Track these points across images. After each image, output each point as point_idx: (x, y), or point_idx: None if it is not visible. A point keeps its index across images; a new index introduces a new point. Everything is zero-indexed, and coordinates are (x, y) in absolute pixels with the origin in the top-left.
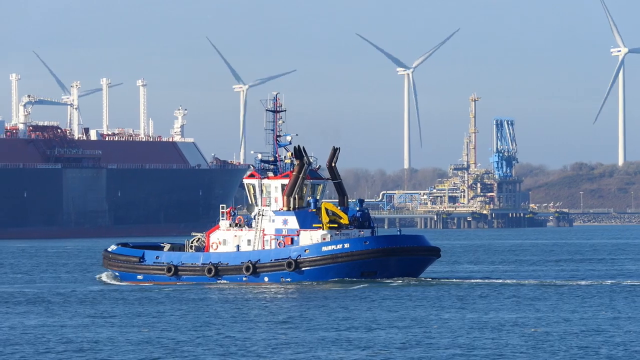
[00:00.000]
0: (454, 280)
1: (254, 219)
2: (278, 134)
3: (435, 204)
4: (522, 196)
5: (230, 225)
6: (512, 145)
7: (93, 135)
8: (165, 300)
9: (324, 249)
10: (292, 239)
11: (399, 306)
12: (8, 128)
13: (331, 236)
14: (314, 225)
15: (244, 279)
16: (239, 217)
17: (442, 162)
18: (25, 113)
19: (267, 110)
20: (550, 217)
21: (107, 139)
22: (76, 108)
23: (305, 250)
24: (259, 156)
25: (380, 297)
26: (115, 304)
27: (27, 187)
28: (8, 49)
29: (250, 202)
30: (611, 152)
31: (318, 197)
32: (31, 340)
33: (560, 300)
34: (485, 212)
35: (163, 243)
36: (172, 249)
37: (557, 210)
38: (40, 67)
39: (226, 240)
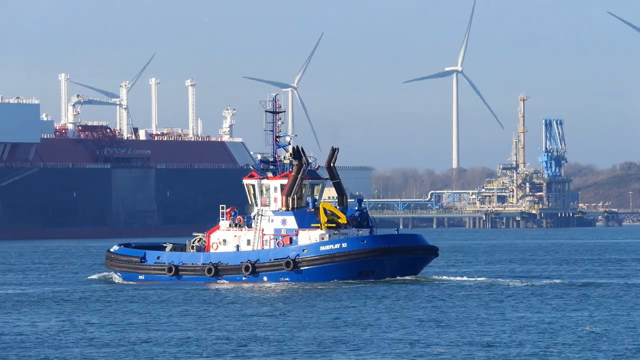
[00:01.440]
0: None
1: (254, 219)
2: (277, 135)
3: (483, 203)
4: (571, 196)
5: (230, 225)
6: (561, 144)
7: (142, 135)
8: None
9: (322, 248)
10: (291, 239)
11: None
12: (57, 128)
13: (329, 236)
14: (312, 225)
15: (244, 278)
16: (238, 217)
17: (490, 161)
18: (75, 113)
19: (266, 111)
20: (599, 217)
21: (156, 138)
22: (125, 108)
23: (303, 250)
24: (259, 156)
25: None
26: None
27: (76, 187)
28: (57, 48)
29: (250, 203)
30: None
31: (317, 197)
32: (93, 340)
33: (619, 299)
34: (534, 211)
35: (165, 243)
36: (174, 249)
37: (606, 209)
38: (90, 67)
39: (226, 240)
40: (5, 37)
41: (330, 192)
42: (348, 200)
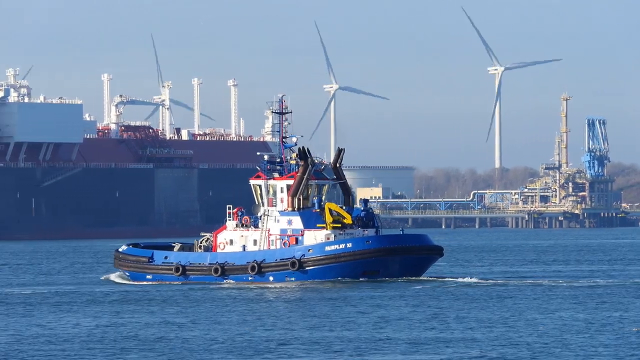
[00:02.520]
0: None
1: (260, 219)
2: (284, 135)
3: (526, 203)
4: (614, 196)
5: (237, 225)
6: (603, 144)
7: (184, 135)
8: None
9: (327, 248)
10: (296, 239)
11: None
12: (100, 128)
13: (335, 236)
14: (318, 225)
15: (250, 278)
16: (245, 217)
17: (533, 161)
18: (117, 113)
19: (273, 112)
20: None
21: (198, 138)
22: (168, 108)
23: (308, 250)
24: (265, 157)
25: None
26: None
27: (119, 187)
28: (100, 48)
29: (256, 203)
30: None
31: (323, 198)
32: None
33: None
34: (577, 211)
35: (174, 243)
36: (182, 249)
37: None
38: (132, 67)
39: (233, 240)
40: (48, 38)
41: (373, 192)
42: (392, 198)
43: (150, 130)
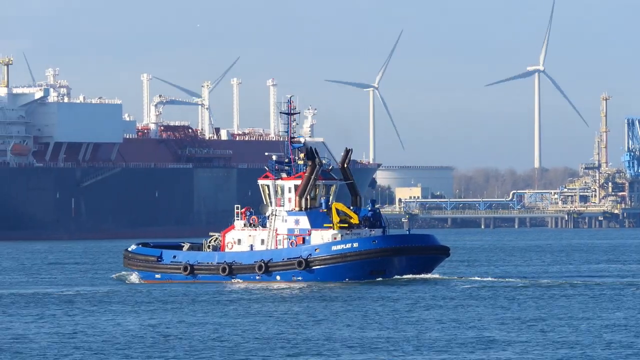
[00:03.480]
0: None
1: (268, 219)
2: (292, 136)
3: (565, 203)
4: None
5: (245, 225)
6: None
7: (224, 135)
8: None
9: (334, 248)
10: (303, 239)
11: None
12: (139, 128)
13: (342, 236)
14: (324, 225)
15: (257, 277)
16: (253, 217)
17: (572, 161)
18: (157, 113)
19: (281, 112)
20: None
21: (237, 138)
22: (207, 108)
23: (315, 250)
24: (274, 157)
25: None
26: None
27: (158, 187)
28: (139, 49)
29: (265, 203)
30: None
31: (331, 198)
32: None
33: None
34: (616, 211)
35: (184, 242)
36: (191, 248)
37: None
38: (172, 67)
39: (241, 240)
40: (88, 38)
41: (412, 192)
42: (431, 198)
43: (190, 130)
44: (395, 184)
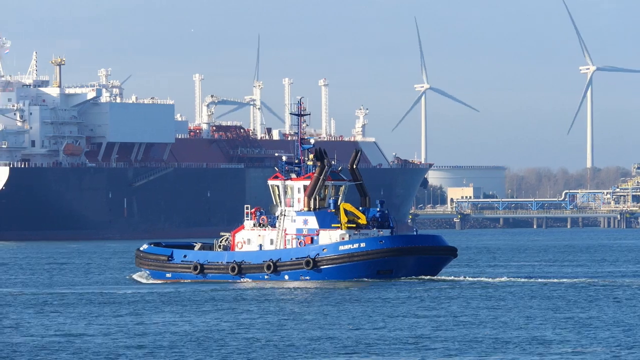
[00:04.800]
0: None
1: (277, 219)
2: (302, 137)
3: (618, 203)
4: None
5: (254, 225)
6: None
7: (275, 135)
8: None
9: (341, 248)
10: (312, 239)
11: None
12: (192, 128)
13: (350, 236)
14: (333, 225)
15: (266, 277)
16: (262, 217)
17: (625, 160)
18: (209, 113)
19: (291, 113)
20: None
21: (289, 138)
22: (259, 108)
23: (323, 250)
24: (284, 158)
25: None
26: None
27: (210, 187)
28: (191, 49)
29: (274, 203)
30: None
31: (340, 198)
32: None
33: None
34: None
35: (195, 242)
36: (202, 248)
37: None
38: (223, 67)
39: (250, 239)
40: (140, 39)
41: (464, 192)
42: (483, 198)
43: (242, 130)
44: (447, 184)
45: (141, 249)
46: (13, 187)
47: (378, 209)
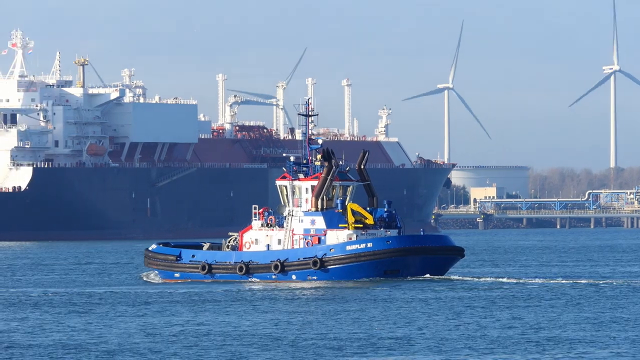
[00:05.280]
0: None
1: (285, 219)
2: (310, 137)
3: None
4: None
5: (262, 225)
6: None
7: (298, 135)
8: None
9: (348, 248)
10: (319, 239)
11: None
12: (215, 128)
13: (357, 236)
14: (340, 225)
15: (273, 276)
16: (270, 217)
17: None
18: (232, 113)
19: (299, 114)
20: None
21: (312, 137)
22: (282, 108)
23: (330, 250)
24: (292, 158)
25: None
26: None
27: (233, 187)
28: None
29: (282, 203)
30: None
31: (348, 199)
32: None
33: None
34: None
35: (204, 242)
36: (210, 248)
37: None
38: (246, 68)
39: (258, 239)
40: (164, 40)
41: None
42: (506, 198)
43: (265, 130)
44: (470, 184)
45: (150, 249)
46: (36, 187)
47: (385, 209)
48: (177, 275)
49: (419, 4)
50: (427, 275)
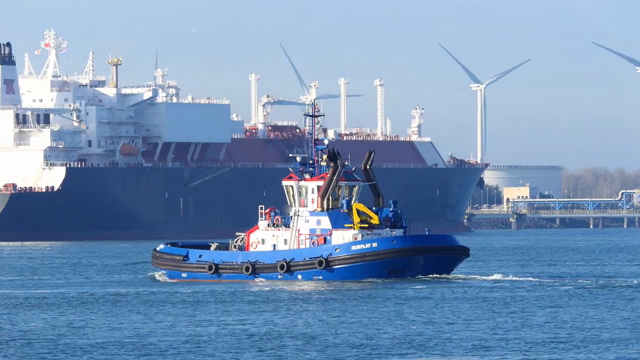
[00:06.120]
0: None
1: (291, 219)
2: (316, 138)
3: None
4: None
5: (268, 225)
6: None
7: (331, 135)
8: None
9: (353, 248)
10: (325, 239)
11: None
12: (247, 128)
13: (362, 236)
14: (345, 225)
15: (279, 277)
16: (277, 217)
17: None
18: (265, 113)
19: (305, 114)
20: None
21: (344, 138)
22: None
23: (335, 250)
24: (298, 159)
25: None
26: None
27: (266, 187)
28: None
29: (288, 203)
30: None
31: (353, 199)
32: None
33: None
34: None
35: (212, 242)
36: (218, 248)
37: None
38: (279, 68)
39: (264, 239)
40: (196, 39)
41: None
42: (539, 198)
43: (297, 130)
44: (503, 184)
45: (157, 249)
46: (70, 187)
47: (391, 209)
48: (184, 275)
49: (452, 5)
50: (475, 276)
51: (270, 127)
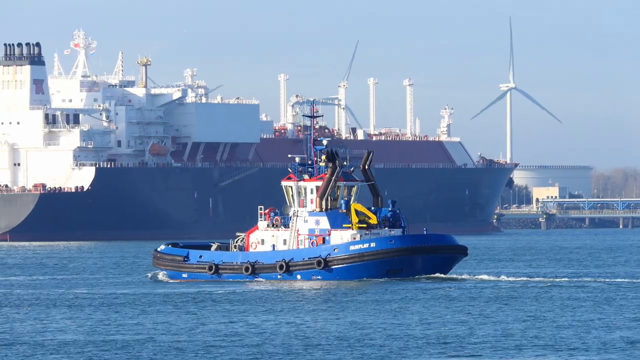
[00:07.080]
0: None
1: (291, 219)
2: (315, 138)
3: None
4: None
5: (268, 225)
6: None
7: (360, 135)
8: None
9: (352, 248)
10: (323, 239)
11: None
12: (277, 128)
13: (361, 236)
14: (344, 225)
15: (279, 277)
16: (276, 217)
17: None
18: (294, 113)
19: (304, 115)
20: None
21: (374, 138)
22: (344, 108)
23: (334, 250)
24: (297, 159)
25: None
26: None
27: None
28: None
29: (287, 204)
30: None
31: (352, 199)
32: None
33: None
34: None
35: (213, 243)
36: (218, 248)
37: None
38: (308, 68)
39: (264, 240)
40: (225, 39)
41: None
42: (568, 198)
43: (326, 131)
44: (532, 184)
45: (158, 249)
46: (99, 187)
47: (390, 209)
48: (184, 275)
49: (473, 5)
50: (503, 277)
51: (299, 127)
